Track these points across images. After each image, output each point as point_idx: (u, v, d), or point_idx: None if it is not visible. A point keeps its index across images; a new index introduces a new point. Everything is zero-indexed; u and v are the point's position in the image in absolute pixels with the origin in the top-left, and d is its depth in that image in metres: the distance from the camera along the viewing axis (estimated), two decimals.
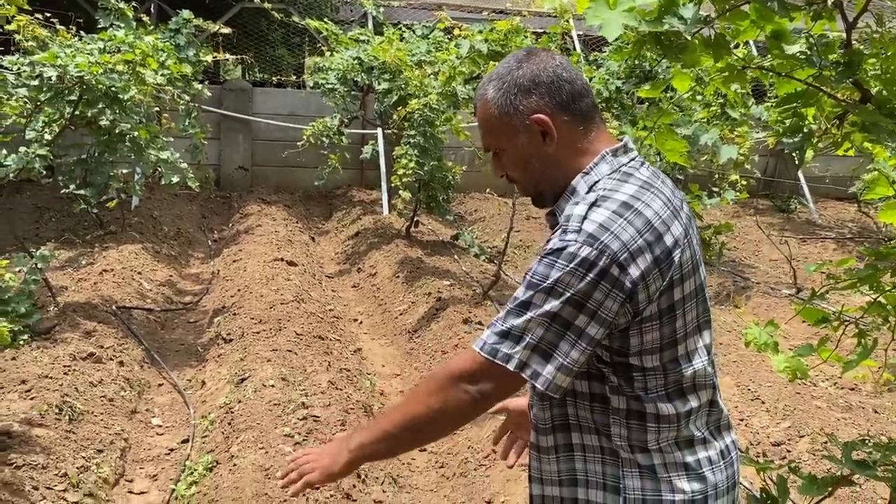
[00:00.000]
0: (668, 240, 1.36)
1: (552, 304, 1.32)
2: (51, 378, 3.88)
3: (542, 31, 6.12)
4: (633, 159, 1.47)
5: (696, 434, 1.45)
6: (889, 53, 1.69)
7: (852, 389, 4.78)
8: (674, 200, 1.44)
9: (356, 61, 8.00)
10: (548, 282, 1.32)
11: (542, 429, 1.51)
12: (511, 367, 1.33)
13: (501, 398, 1.45)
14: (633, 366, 1.39)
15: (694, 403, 1.44)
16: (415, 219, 7.65)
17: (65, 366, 4.07)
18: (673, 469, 1.42)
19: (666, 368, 1.41)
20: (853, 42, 1.73)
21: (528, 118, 1.45)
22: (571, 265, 1.31)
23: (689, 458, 1.43)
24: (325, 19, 9.00)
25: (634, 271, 1.31)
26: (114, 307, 5.15)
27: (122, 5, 6.56)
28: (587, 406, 1.45)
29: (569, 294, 1.31)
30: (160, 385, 4.57)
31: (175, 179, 5.52)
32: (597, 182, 1.43)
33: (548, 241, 1.39)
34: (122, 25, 6.36)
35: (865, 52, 1.73)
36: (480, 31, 4.70)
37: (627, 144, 1.49)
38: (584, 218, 1.33)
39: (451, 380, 1.40)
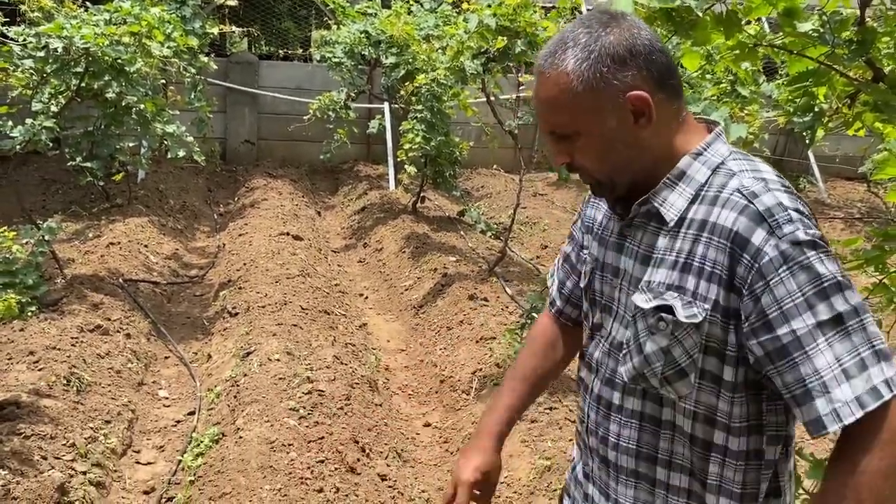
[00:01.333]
0: None
1: (851, 296, 1.13)
2: (58, 349, 3.91)
3: (551, 5, 6.05)
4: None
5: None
6: None
7: None
8: None
9: (363, 35, 7.95)
10: (825, 282, 1.12)
11: (698, 414, 1.30)
12: None
13: None
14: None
15: None
16: (421, 194, 7.63)
17: (72, 337, 4.10)
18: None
19: None
20: (866, 19, 1.70)
21: (623, 95, 1.22)
22: (821, 251, 1.13)
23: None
24: None
25: None
26: (120, 280, 5.17)
27: None
28: (744, 398, 1.27)
29: (843, 278, 1.13)
30: (166, 358, 4.60)
31: (181, 153, 5.51)
32: (721, 164, 1.26)
33: (746, 247, 1.17)
34: None
35: (879, 29, 1.71)
36: (489, 6, 4.65)
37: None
38: (783, 205, 1.16)
39: None
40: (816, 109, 1.84)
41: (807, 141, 1.90)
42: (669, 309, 1.25)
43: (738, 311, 1.19)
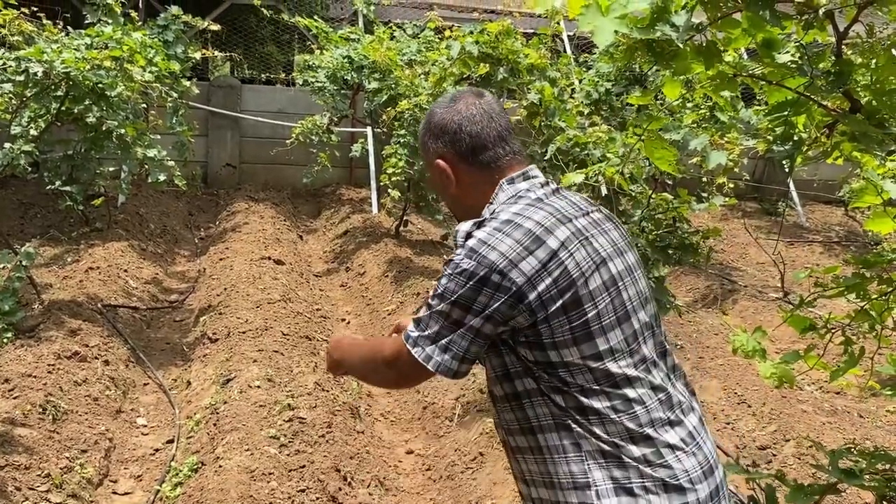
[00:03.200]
0: (553, 243, 1.50)
1: (445, 307, 1.53)
2: (35, 377, 3.84)
3: (532, 31, 6.11)
4: (533, 185, 1.63)
5: (647, 426, 1.49)
6: (878, 64, 1.70)
7: (838, 394, 4.81)
8: (566, 210, 1.58)
9: (346, 60, 7.97)
10: (439, 289, 1.54)
11: (512, 430, 1.62)
12: (416, 354, 1.55)
13: (417, 381, 1.68)
14: (554, 363, 1.50)
15: (632, 395, 1.50)
16: (404, 218, 7.63)
17: (49, 364, 4.03)
18: (634, 461, 1.47)
19: (587, 362, 1.49)
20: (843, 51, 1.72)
21: (434, 160, 1.68)
22: (455, 275, 1.52)
23: (647, 450, 1.47)
24: (316, 17, 8.96)
25: (517, 275, 1.47)
26: (99, 305, 5.11)
27: (109, 1, 6.50)
28: (542, 401, 1.54)
29: (454, 299, 1.51)
30: (145, 384, 4.53)
31: (162, 178, 5.48)
32: (496, 209, 1.60)
33: None
34: (110, 21, 6.30)
35: (856, 62, 1.73)
36: (471, 33, 4.68)
37: (528, 172, 1.65)
38: (468, 235, 1.55)
39: (384, 364, 1.65)
40: (796, 139, 1.86)
41: (786, 169, 1.92)
42: None
43: None
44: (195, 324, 5.40)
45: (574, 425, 1.50)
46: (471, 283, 1.50)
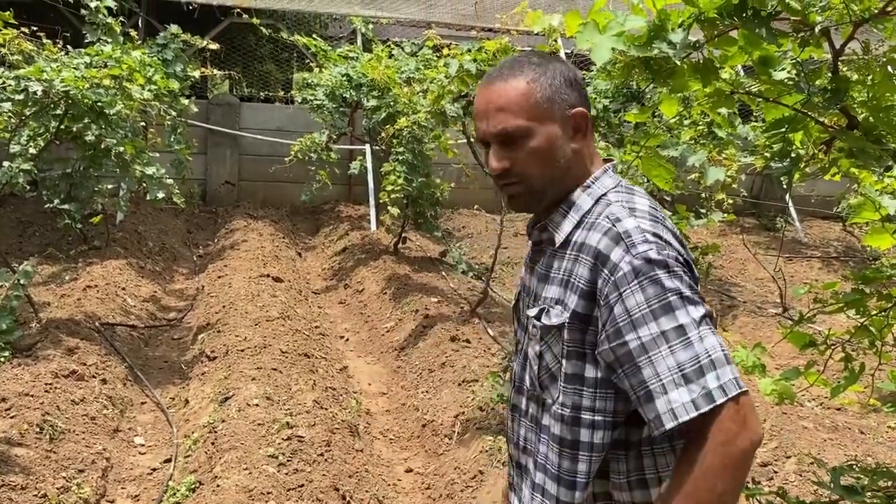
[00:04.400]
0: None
1: (693, 310, 1.23)
2: (32, 396, 3.83)
3: (530, 49, 6.14)
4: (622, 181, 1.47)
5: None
6: (875, 80, 1.70)
7: (839, 409, 4.79)
8: None
9: (345, 78, 8.01)
10: (670, 296, 1.23)
11: (555, 414, 1.40)
12: (741, 389, 1.22)
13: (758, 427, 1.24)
14: None
15: None
16: (402, 235, 7.63)
17: (46, 383, 4.01)
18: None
19: None
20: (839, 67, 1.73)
21: (570, 110, 1.41)
22: (671, 269, 1.25)
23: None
24: (314, 35, 9.01)
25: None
26: (97, 324, 5.09)
27: (109, 20, 6.54)
28: (604, 394, 1.35)
29: (690, 293, 1.25)
30: (143, 403, 4.51)
31: (160, 195, 5.49)
32: (604, 195, 1.41)
33: (606, 263, 1.29)
34: (110, 40, 6.34)
35: (852, 78, 1.74)
36: (469, 51, 4.71)
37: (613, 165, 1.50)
38: (641, 228, 1.30)
39: (739, 451, 1.19)
40: (793, 155, 1.86)
41: (784, 185, 1.92)
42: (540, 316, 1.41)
43: (596, 318, 1.32)
44: (193, 342, 5.39)
45: (615, 472, 1.37)
46: (686, 269, 1.29)
